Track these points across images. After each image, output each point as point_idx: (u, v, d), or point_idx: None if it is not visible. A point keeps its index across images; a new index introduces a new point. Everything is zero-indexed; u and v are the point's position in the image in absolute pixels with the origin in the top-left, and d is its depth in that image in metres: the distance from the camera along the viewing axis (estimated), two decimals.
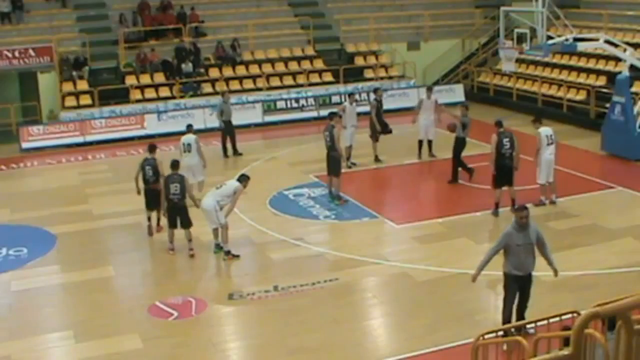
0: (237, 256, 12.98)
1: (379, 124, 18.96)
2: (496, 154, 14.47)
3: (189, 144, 16.26)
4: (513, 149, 14.56)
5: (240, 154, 20.49)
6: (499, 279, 11.84)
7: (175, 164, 13.47)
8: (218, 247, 13.13)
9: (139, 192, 14.36)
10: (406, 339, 9.94)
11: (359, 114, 19.18)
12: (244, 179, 13.08)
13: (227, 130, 20.46)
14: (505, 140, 14.59)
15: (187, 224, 13.16)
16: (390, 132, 19.18)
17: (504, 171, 14.55)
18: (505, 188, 14.66)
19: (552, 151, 15.02)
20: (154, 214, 14.35)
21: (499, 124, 14.90)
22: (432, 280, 11.84)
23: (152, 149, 14.54)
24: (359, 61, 27.93)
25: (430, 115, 19.04)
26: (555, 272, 9.73)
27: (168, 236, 13.40)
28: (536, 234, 9.40)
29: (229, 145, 20.42)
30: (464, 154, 17.21)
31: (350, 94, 19.56)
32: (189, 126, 17.06)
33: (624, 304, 4.30)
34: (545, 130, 15.05)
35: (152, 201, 14.09)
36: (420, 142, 19.27)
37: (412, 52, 28.81)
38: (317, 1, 29.79)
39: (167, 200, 13.13)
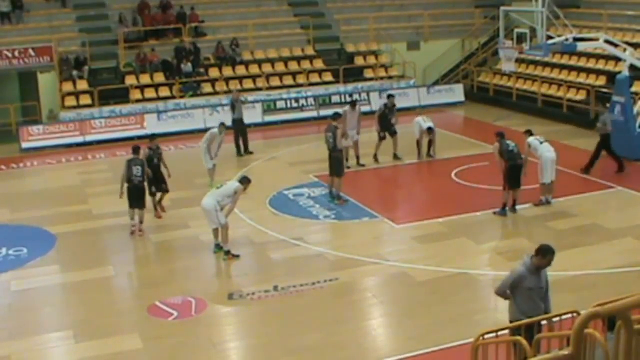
0: (237, 256, 12.97)
1: (380, 126, 18.97)
2: (507, 155, 14.41)
3: (206, 133, 17.47)
4: (519, 150, 14.61)
5: (251, 153, 20.60)
6: (498, 279, 11.86)
7: (136, 150, 14.69)
8: (218, 247, 13.13)
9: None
10: (406, 339, 9.93)
11: (364, 113, 19.18)
12: (245, 181, 13.10)
13: (237, 129, 20.58)
14: (510, 142, 14.58)
15: (143, 205, 14.41)
16: (383, 138, 19.16)
17: (516, 171, 14.46)
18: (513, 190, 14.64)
19: (549, 148, 15.04)
20: (158, 195, 15.42)
21: (499, 135, 14.85)
22: (432, 280, 11.83)
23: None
24: (359, 61, 27.93)
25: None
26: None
27: (129, 215, 14.42)
28: (546, 276, 8.18)
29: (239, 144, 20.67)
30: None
31: (353, 102, 19.40)
32: (222, 125, 17.49)
33: (624, 304, 4.30)
34: (533, 137, 15.23)
35: (155, 184, 15.21)
36: (419, 142, 19.28)
37: (412, 52, 28.81)
38: (317, 1, 29.79)
39: (129, 181, 14.26)
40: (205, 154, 17.09)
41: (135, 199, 14.30)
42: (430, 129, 19.02)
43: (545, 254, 7.93)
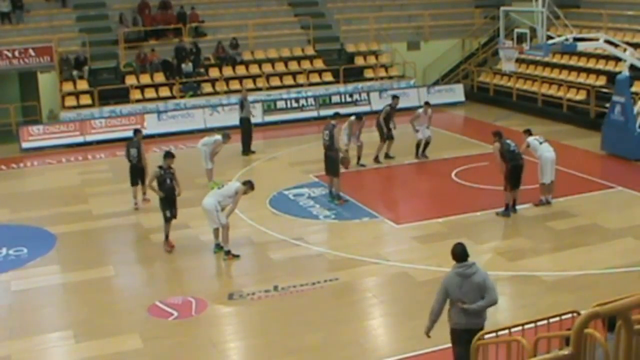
0: (237, 256, 12.97)
1: (386, 127, 18.95)
2: (508, 156, 14.34)
3: (210, 138, 17.49)
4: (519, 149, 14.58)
5: (253, 152, 20.62)
6: (499, 279, 11.87)
7: (136, 132, 16.35)
8: (218, 247, 13.12)
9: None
10: (406, 339, 9.93)
11: (365, 113, 19.06)
12: (247, 184, 13.03)
13: (244, 128, 20.63)
14: (510, 141, 14.53)
15: (141, 182, 15.82)
16: (392, 138, 19.17)
17: (517, 171, 14.41)
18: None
19: (549, 148, 15.01)
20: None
21: (497, 134, 14.77)
22: (432, 280, 11.77)
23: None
24: (359, 61, 27.94)
25: (424, 123, 19.11)
26: None
27: (132, 193, 15.94)
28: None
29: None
30: None
31: (359, 115, 19.24)
32: (226, 135, 17.23)
33: (624, 304, 4.30)
34: (532, 137, 15.17)
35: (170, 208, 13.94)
36: (419, 144, 19.28)
37: (412, 52, 28.83)
38: (317, 1, 29.79)
39: (129, 161, 15.88)
40: (206, 158, 17.14)
41: (134, 177, 15.92)
42: (427, 103, 19.55)
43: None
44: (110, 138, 22.83)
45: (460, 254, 8.17)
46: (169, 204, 13.45)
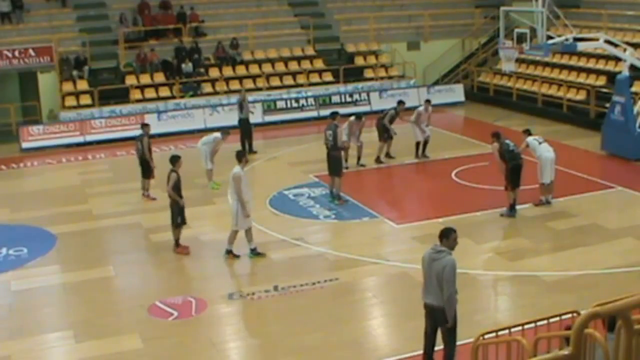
0: (237, 256, 12.96)
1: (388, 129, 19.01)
2: (507, 156, 14.33)
3: (210, 137, 17.75)
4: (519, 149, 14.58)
5: (255, 152, 20.58)
6: (498, 279, 11.89)
7: (143, 126, 17.20)
8: (253, 253, 12.92)
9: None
10: (406, 339, 9.93)
11: (365, 113, 19.18)
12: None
13: (243, 128, 20.63)
14: (509, 141, 14.52)
15: (146, 175, 16.63)
16: (391, 138, 19.21)
17: (517, 171, 14.38)
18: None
19: (548, 148, 15.00)
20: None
21: (496, 135, 14.74)
22: None
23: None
24: (359, 61, 27.94)
25: (424, 121, 19.15)
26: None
27: (142, 184, 16.73)
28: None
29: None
30: None
31: (359, 115, 19.30)
32: (225, 132, 17.44)
33: (624, 304, 4.29)
34: (532, 137, 15.15)
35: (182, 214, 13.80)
36: (418, 144, 19.28)
37: (412, 52, 28.83)
38: (317, 1, 29.80)
39: (136, 151, 16.73)
40: (206, 157, 17.17)
41: (141, 169, 16.65)
42: (427, 101, 19.79)
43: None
44: (110, 138, 22.86)
45: (440, 234, 8.54)
46: (181, 209, 13.27)
